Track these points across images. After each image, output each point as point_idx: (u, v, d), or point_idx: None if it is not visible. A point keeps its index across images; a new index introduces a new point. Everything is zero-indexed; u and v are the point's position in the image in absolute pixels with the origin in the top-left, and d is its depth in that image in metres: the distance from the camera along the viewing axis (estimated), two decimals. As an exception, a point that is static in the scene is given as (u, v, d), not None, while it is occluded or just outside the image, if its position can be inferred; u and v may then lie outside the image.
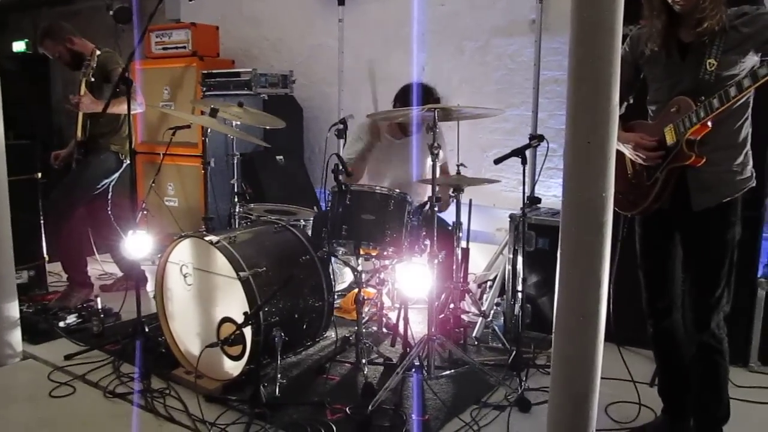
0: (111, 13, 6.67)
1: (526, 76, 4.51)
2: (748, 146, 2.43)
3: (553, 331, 1.98)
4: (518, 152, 3.27)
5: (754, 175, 2.45)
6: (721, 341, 2.46)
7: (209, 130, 3.67)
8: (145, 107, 4.41)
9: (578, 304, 1.88)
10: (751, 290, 3.35)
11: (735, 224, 2.42)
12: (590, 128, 1.77)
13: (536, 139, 3.42)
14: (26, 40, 8.01)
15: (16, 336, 3.42)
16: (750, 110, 2.39)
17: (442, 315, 3.56)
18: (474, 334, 3.71)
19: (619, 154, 2.52)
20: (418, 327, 3.60)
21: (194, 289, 3.16)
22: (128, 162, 4.29)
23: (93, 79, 4.12)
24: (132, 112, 3.38)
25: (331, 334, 3.54)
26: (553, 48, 4.39)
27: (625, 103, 2.65)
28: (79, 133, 4.23)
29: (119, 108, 4.01)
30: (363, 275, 3.33)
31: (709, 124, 2.31)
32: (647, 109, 2.59)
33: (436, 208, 3.11)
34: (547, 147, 3.35)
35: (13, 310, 3.40)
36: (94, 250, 4.68)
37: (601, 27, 1.73)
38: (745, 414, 2.96)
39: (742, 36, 2.27)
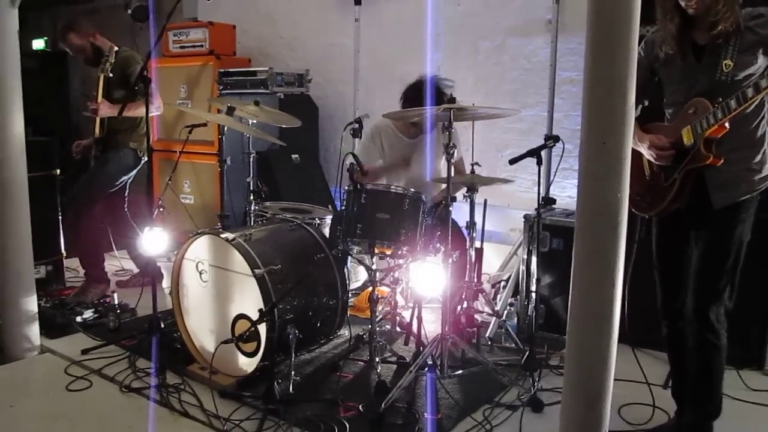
0: (129, 11, 6.71)
1: (542, 77, 4.50)
2: (766, 145, 2.43)
3: (567, 331, 1.98)
4: (533, 153, 3.27)
5: None
6: (718, 336, 2.45)
7: (226, 129, 3.69)
8: (162, 110, 4.44)
9: (592, 304, 1.88)
10: (766, 292, 3.32)
11: (746, 221, 2.44)
12: (606, 129, 1.78)
13: (551, 139, 3.41)
14: (45, 38, 8.10)
15: (34, 330, 3.46)
16: (766, 109, 2.38)
17: (456, 314, 3.57)
18: (487, 334, 3.72)
19: (637, 156, 2.52)
20: (431, 326, 3.61)
21: (210, 286, 3.18)
22: (146, 159, 4.33)
23: (111, 75, 4.16)
24: (150, 115, 3.41)
25: (344, 332, 3.55)
26: (569, 48, 4.38)
27: (640, 106, 2.64)
28: (97, 130, 4.28)
29: (135, 111, 4.07)
30: (377, 274, 3.34)
31: (727, 125, 2.30)
32: (664, 111, 2.59)
33: (450, 208, 3.11)
34: (563, 147, 3.34)
35: (32, 304, 3.44)
36: (113, 246, 4.72)
37: (618, 27, 1.73)
38: (760, 417, 2.94)
39: (758, 38, 2.27)
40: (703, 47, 2.38)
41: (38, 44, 8.14)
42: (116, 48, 4.20)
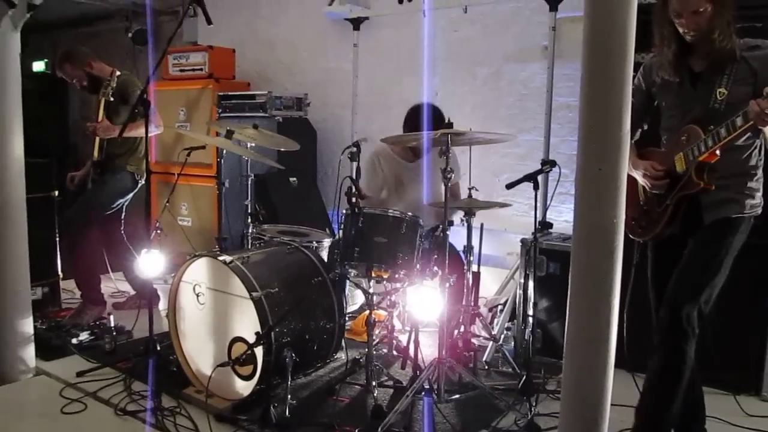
0: (130, 35, 6.79)
1: (539, 102, 4.54)
2: (760, 173, 2.46)
3: (564, 356, 1.98)
4: (530, 177, 3.29)
5: (762, 203, 2.48)
6: (686, 338, 2.42)
7: (224, 151, 3.71)
8: (162, 128, 4.47)
9: (589, 329, 1.89)
10: (764, 318, 3.32)
11: (736, 236, 2.44)
12: (601, 156, 1.80)
13: (548, 164, 3.43)
14: (46, 60, 8.15)
15: (29, 352, 3.44)
16: (761, 138, 2.41)
17: (453, 338, 3.56)
18: (484, 358, 3.71)
19: (632, 182, 2.54)
20: (428, 350, 3.59)
21: (207, 309, 3.18)
22: (143, 182, 4.35)
23: (112, 99, 4.19)
24: (150, 134, 3.43)
25: (341, 355, 3.54)
26: (565, 74, 4.43)
27: (639, 130, 2.67)
28: (95, 153, 4.30)
29: (136, 132, 4.09)
30: (374, 297, 3.34)
31: (718, 152, 2.33)
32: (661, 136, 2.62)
33: (448, 232, 3.13)
34: (559, 172, 3.36)
35: (28, 326, 3.42)
36: (108, 268, 4.71)
37: (613, 54, 1.76)
38: (757, 444, 2.94)
39: (750, 70, 2.30)
40: (699, 74, 2.42)
41: (38, 66, 8.20)
42: (118, 73, 4.23)
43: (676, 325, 2.42)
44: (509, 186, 3.35)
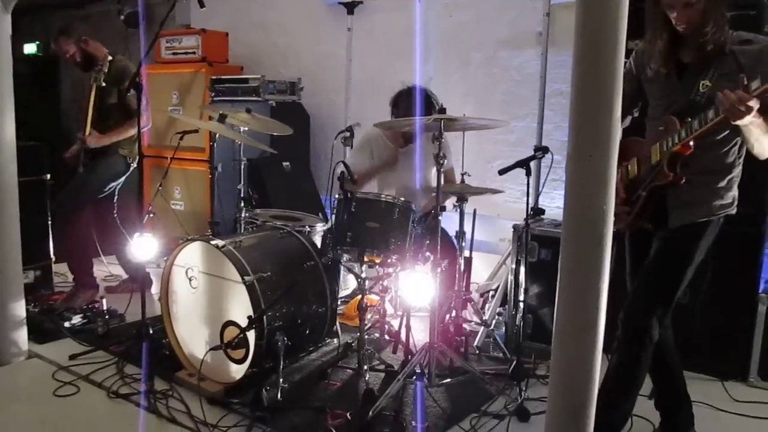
0: (122, 17, 6.73)
1: (532, 89, 4.54)
2: (735, 173, 2.44)
3: (552, 341, 2.00)
4: (523, 163, 3.30)
5: (736, 202, 2.46)
6: (643, 347, 2.43)
7: (217, 136, 3.70)
8: (150, 125, 4.48)
9: (577, 314, 1.90)
10: (752, 305, 3.36)
11: (700, 242, 2.43)
12: (592, 142, 1.80)
13: (541, 150, 3.44)
14: (37, 42, 8.08)
15: (22, 335, 3.45)
16: (740, 139, 2.38)
17: (444, 323, 3.58)
18: (475, 343, 3.74)
19: None
20: (419, 335, 3.62)
21: (199, 293, 3.19)
22: (135, 166, 4.34)
23: (104, 84, 4.18)
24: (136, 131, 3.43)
25: (333, 339, 3.56)
26: (559, 61, 4.42)
27: (629, 117, 2.67)
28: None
29: (124, 135, 4.13)
30: (366, 282, 3.36)
31: (692, 144, 2.30)
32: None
33: (440, 218, 3.14)
34: (552, 158, 3.37)
35: (20, 309, 3.43)
36: (100, 252, 4.71)
37: (605, 41, 1.76)
38: (744, 429, 2.98)
39: (738, 65, 2.24)
40: (686, 66, 2.41)
41: (30, 49, 8.12)
42: (110, 57, 4.21)
43: (631, 335, 2.44)
44: (502, 172, 3.37)
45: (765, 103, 2.09)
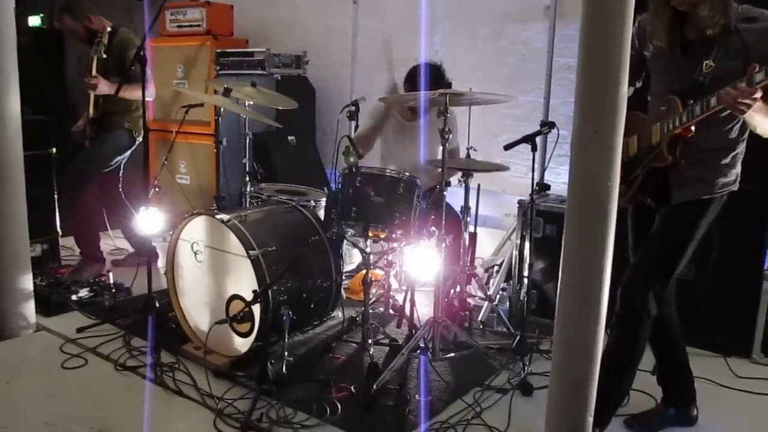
0: (126, -11, 6.68)
1: (539, 63, 4.50)
2: (738, 150, 2.41)
3: (555, 317, 2.01)
4: (528, 139, 3.28)
5: (739, 179, 2.44)
6: (640, 321, 2.44)
7: (222, 109, 3.69)
8: (154, 96, 4.45)
9: (581, 290, 1.91)
10: (756, 282, 3.36)
11: (704, 218, 2.41)
12: (597, 118, 1.80)
13: (547, 125, 3.42)
14: (41, 14, 8.03)
15: (29, 308, 3.48)
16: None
17: (448, 298, 3.60)
18: (479, 318, 3.76)
19: None
20: (424, 309, 3.63)
21: (205, 267, 3.21)
22: (141, 139, 4.34)
23: (105, 56, 4.16)
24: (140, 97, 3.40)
25: (338, 314, 3.58)
26: (567, 35, 4.38)
27: (632, 88, 2.63)
28: (91, 111, 4.28)
29: (131, 94, 4.09)
30: (371, 257, 3.36)
31: (693, 128, 2.28)
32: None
33: (445, 192, 3.13)
34: (558, 134, 3.34)
35: (27, 282, 3.45)
36: (107, 225, 4.73)
37: (611, 17, 1.74)
38: (746, 405, 2.99)
39: (743, 44, 2.21)
40: (689, 42, 2.36)
41: (34, 21, 8.07)
42: (109, 28, 4.19)
43: (629, 310, 2.44)
44: (507, 147, 3.35)
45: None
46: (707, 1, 2.22)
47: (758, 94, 2.05)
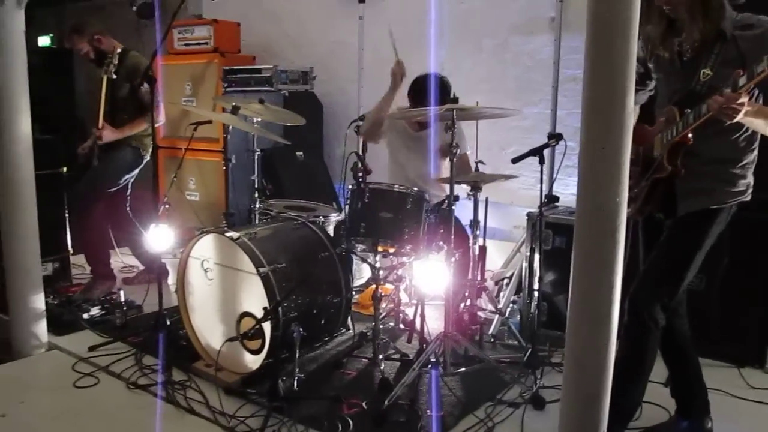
0: (134, 8, 6.74)
1: (545, 74, 4.51)
2: (748, 159, 2.38)
3: (566, 332, 2.00)
4: (536, 152, 3.28)
5: (750, 189, 2.41)
6: (647, 332, 2.41)
7: (230, 127, 3.72)
8: (164, 121, 4.52)
9: (591, 307, 1.90)
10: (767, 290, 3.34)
11: (712, 228, 2.39)
12: (604, 134, 1.79)
13: (554, 138, 3.42)
14: (51, 35, 8.12)
15: (41, 327, 3.49)
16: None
17: (459, 312, 3.59)
18: (490, 332, 3.74)
19: None
20: (434, 323, 3.63)
21: (215, 284, 3.22)
22: (148, 158, 4.38)
23: (115, 77, 4.20)
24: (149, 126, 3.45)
25: (348, 329, 3.58)
26: (572, 46, 4.38)
27: (647, 94, 2.64)
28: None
29: (137, 129, 4.18)
30: (381, 271, 3.36)
31: (689, 135, 2.27)
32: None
33: (454, 207, 3.14)
34: (565, 145, 3.34)
35: (39, 301, 3.47)
36: (114, 243, 4.75)
37: (616, 34, 1.74)
38: (761, 415, 2.96)
39: (738, 52, 2.20)
40: (687, 51, 2.36)
41: (44, 41, 8.17)
42: (119, 49, 4.23)
43: (636, 321, 2.42)
44: (515, 161, 3.35)
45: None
46: (685, 2, 2.21)
47: (743, 99, 2.04)
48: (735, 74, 2.05)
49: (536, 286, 3.60)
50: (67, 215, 4.49)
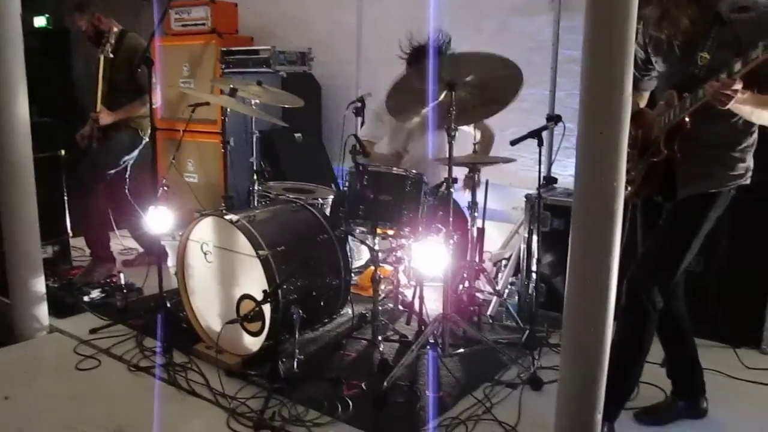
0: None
1: (544, 56, 4.49)
2: (746, 143, 2.39)
3: (563, 314, 2.02)
4: (535, 134, 3.29)
5: (750, 172, 2.41)
6: (645, 315, 2.42)
7: (228, 108, 3.71)
8: (160, 102, 4.48)
9: (588, 289, 1.92)
10: (765, 273, 3.35)
11: (711, 211, 2.40)
12: (603, 119, 1.80)
13: (553, 120, 3.42)
14: (47, 15, 8.04)
15: (42, 310, 3.51)
16: None
17: (457, 293, 3.60)
18: (488, 313, 3.76)
19: None
20: (433, 305, 3.65)
21: (215, 267, 3.23)
22: (147, 139, 4.37)
23: (112, 56, 4.18)
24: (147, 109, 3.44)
25: (347, 311, 3.60)
26: (572, 27, 4.36)
27: (652, 80, 2.63)
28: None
29: (134, 112, 4.20)
30: (380, 254, 3.37)
31: (687, 119, 2.26)
32: None
33: (452, 189, 3.14)
34: (564, 127, 3.34)
35: (40, 284, 3.48)
36: (114, 225, 4.76)
37: (615, 18, 1.74)
38: (756, 396, 2.99)
39: (734, 35, 2.19)
40: (684, 35, 2.34)
41: (40, 22, 8.09)
42: (116, 29, 4.21)
43: (634, 303, 2.43)
44: (513, 143, 3.36)
45: (752, 76, 2.03)
46: None
47: (738, 85, 2.03)
48: (733, 61, 2.05)
49: (534, 267, 3.62)
50: (66, 198, 4.48)
